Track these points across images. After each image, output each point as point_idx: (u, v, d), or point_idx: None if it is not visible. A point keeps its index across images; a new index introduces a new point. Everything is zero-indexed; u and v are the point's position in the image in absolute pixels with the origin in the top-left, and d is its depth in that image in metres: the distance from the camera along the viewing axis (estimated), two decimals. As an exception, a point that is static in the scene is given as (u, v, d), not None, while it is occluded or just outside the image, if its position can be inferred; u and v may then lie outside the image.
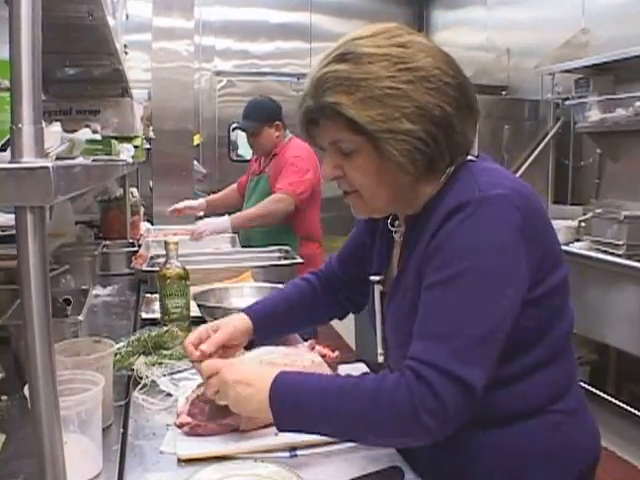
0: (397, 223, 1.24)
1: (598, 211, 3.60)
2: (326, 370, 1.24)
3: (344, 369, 1.36)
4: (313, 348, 1.28)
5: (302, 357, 1.23)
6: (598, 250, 3.38)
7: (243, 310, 1.39)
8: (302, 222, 3.22)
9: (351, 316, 4.44)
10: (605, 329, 3.22)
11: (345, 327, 4.48)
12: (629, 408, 3.38)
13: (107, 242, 2.95)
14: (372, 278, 1.26)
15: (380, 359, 1.26)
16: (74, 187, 0.88)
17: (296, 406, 1.03)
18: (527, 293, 1.03)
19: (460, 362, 0.96)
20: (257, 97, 3.53)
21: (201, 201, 3.57)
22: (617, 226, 3.33)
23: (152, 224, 3.99)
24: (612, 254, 3.28)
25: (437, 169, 1.09)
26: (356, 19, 6.78)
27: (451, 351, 0.96)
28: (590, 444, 1.18)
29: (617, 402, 3.40)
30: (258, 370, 1.14)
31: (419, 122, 1.03)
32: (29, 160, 0.68)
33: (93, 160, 1.25)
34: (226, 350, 1.30)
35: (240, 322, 1.35)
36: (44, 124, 0.71)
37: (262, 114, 3.26)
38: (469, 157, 1.13)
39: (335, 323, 4.77)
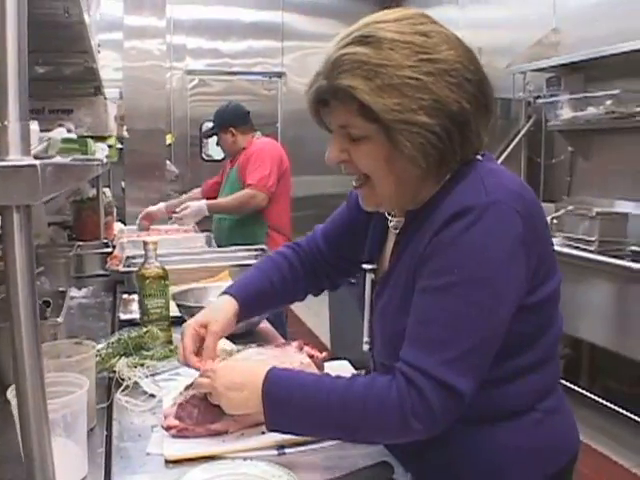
0: (393, 213, 1.21)
1: (570, 208, 3.66)
2: (314, 371, 1.24)
3: (329, 367, 1.36)
4: (301, 349, 1.27)
5: (291, 358, 1.23)
6: (571, 246, 3.43)
7: (227, 292, 1.32)
8: (271, 211, 3.37)
9: (326, 314, 4.43)
10: (578, 323, 3.27)
11: (318, 325, 4.49)
12: (602, 401, 3.44)
13: (81, 243, 2.90)
14: (365, 266, 1.24)
15: (365, 347, 1.25)
16: (58, 186, 0.87)
17: (287, 409, 1.04)
18: (523, 299, 1.03)
19: (452, 371, 0.96)
20: (225, 103, 3.67)
21: (160, 205, 3.61)
22: (589, 222, 3.38)
23: (125, 224, 3.95)
24: (584, 250, 3.34)
25: (447, 166, 1.06)
26: (328, 18, 6.80)
27: (444, 359, 0.96)
28: (569, 440, 1.19)
29: (590, 395, 3.46)
30: (248, 371, 1.11)
31: (436, 116, 0.99)
32: (15, 158, 0.66)
33: (72, 159, 1.22)
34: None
35: (228, 308, 1.29)
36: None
37: (217, 120, 3.53)
38: (476, 156, 1.10)
39: (307, 320, 4.75)
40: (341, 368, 1.42)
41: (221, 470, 0.97)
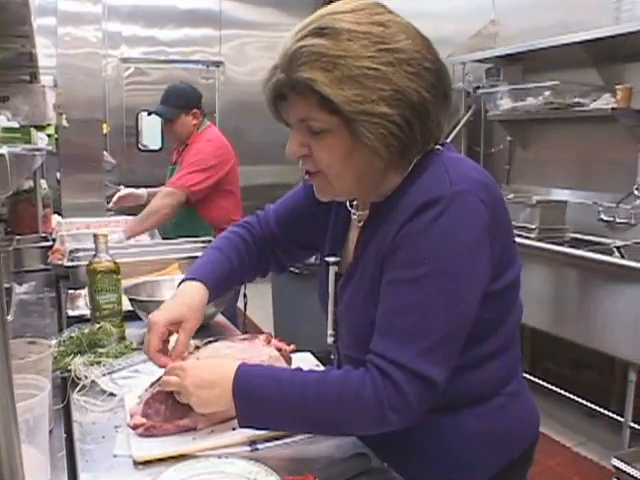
0: (355, 205, 1.20)
1: (510, 196, 3.74)
2: (283, 364, 1.22)
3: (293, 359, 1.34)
4: (269, 342, 1.25)
5: (259, 352, 1.20)
6: (512, 234, 3.51)
7: (194, 277, 1.26)
8: (212, 211, 3.19)
9: (269, 307, 4.38)
10: (520, 309, 3.34)
11: (262, 318, 4.47)
12: (544, 383, 3.55)
13: (19, 237, 2.78)
14: (328, 259, 1.22)
15: (330, 340, 1.24)
16: (20, 177, 0.82)
17: (259, 405, 1.02)
18: (488, 286, 1.04)
19: (427, 362, 0.97)
20: (177, 83, 3.46)
21: (142, 191, 3.44)
22: (530, 210, 3.48)
23: (62, 217, 3.81)
24: (525, 237, 3.42)
25: (409, 156, 1.06)
26: (266, 6, 6.73)
27: (417, 350, 0.97)
28: (531, 423, 1.23)
29: (532, 378, 3.55)
30: (218, 368, 1.08)
31: (396, 106, 0.99)
32: (-19, 147, 0.62)
33: (23, 149, 1.16)
34: None
35: (201, 297, 1.23)
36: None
37: (180, 100, 3.23)
38: (436, 146, 1.11)
39: (251, 313, 4.73)
40: (304, 360, 1.41)
41: (198, 469, 0.94)
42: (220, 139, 3.32)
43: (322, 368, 1.36)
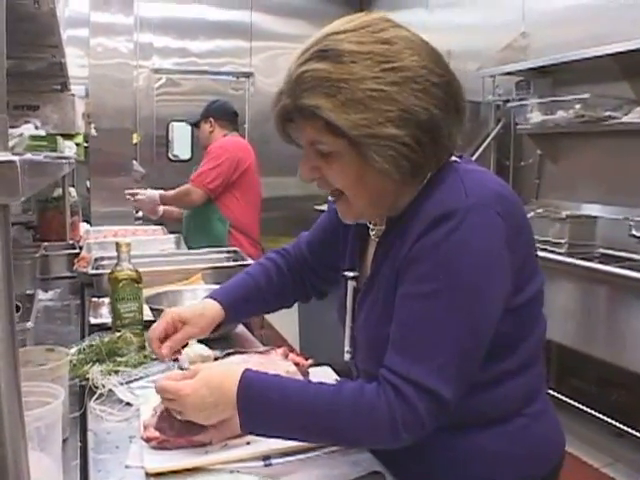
0: (374, 221, 1.19)
1: (539, 211, 3.69)
2: (299, 378, 1.20)
3: (311, 373, 1.33)
4: (287, 356, 1.23)
5: (276, 366, 1.19)
6: (540, 249, 3.46)
7: (212, 296, 1.33)
8: (230, 209, 3.47)
9: (295, 318, 4.38)
10: (548, 324, 3.29)
11: (289, 330, 4.46)
12: (570, 401, 3.47)
13: (46, 244, 2.82)
14: (346, 274, 1.21)
15: (347, 357, 1.23)
16: (35, 184, 0.82)
17: (262, 409, 1.00)
18: (508, 300, 1.02)
19: (440, 379, 0.95)
20: (218, 98, 3.99)
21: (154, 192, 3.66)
22: (559, 225, 3.42)
23: (90, 225, 3.86)
24: (554, 252, 3.36)
25: (422, 173, 1.04)
26: (297, 19, 6.76)
27: (432, 368, 0.95)
28: (555, 445, 1.19)
29: (559, 396, 3.48)
30: (216, 389, 1.04)
31: (404, 127, 0.96)
32: (-7, 154, 0.61)
33: (45, 157, 1.17)
34: None
35: (210, 311, 1.31)
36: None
37: (204, 109, 3.69)
38: (453, 157, 1.09)
39: (275, 321, 4.73)
40: (323, 374, 1.39)
41: (208, 484, 0.93)
42: (235, 140, 3.65)
43: (340, 382, 1.35)
